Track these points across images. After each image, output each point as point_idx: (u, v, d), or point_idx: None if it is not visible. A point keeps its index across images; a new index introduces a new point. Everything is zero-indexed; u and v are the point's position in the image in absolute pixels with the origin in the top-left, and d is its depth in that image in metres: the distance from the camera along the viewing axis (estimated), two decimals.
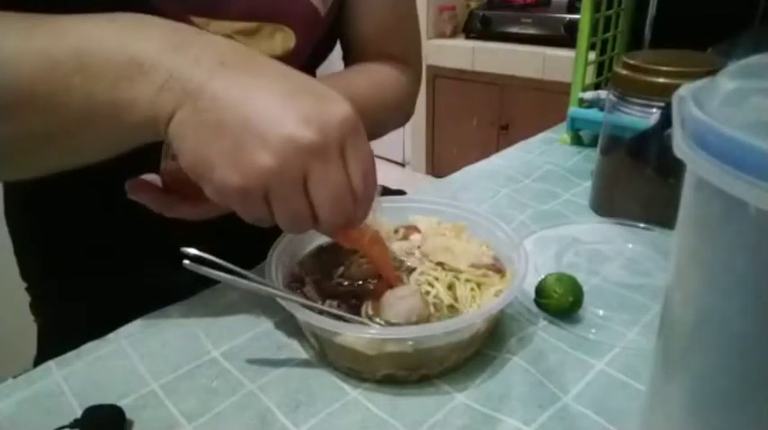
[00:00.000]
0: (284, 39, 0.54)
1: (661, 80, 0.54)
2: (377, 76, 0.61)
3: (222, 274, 0.38)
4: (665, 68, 0.54)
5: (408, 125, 2.75)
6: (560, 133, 0.83)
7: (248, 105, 0.33)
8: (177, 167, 0.36)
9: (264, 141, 0.33)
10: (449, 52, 2.48)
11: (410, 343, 0.37)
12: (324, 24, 0.57)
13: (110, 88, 0.34)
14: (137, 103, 0.34)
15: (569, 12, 2.15)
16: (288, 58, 0.53)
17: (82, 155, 0.38)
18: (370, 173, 0.37)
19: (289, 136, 0.33)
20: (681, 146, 0.21)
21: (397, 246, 0.47)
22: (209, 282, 0.48)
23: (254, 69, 0.35)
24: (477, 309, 0.41)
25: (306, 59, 0.57)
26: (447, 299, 0.42)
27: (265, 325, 0.45)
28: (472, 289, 0.43)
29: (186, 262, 0.36)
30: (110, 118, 0.35)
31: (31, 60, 0.34)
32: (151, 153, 0.40)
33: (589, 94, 0.77)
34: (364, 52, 0.63)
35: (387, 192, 0.65)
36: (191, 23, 0.47)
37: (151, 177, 0.44)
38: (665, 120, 0.53)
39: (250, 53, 0.36)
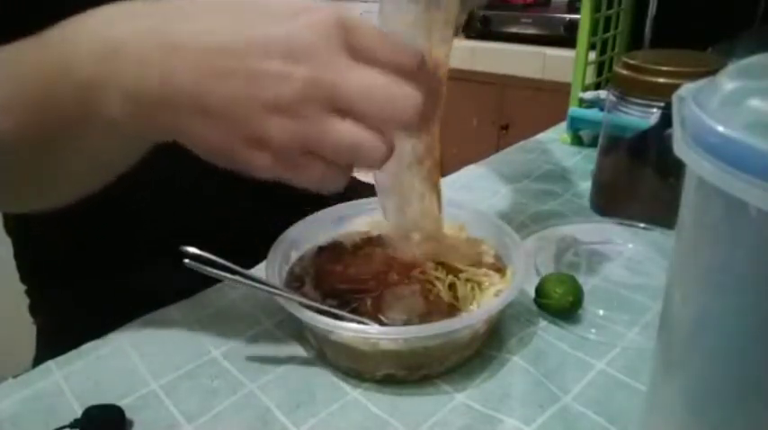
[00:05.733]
0: None
1: (661, 80, 0.54)
2: None
3: (222, 274, 0.38)
4: (665, 68, 0.54)
5: None
6: (560, 133, 0.83)
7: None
8: None
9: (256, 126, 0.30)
10: None
11: (409, 342, 0.38)
12: None
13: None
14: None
15: (569, 12, 2.15)
16: None
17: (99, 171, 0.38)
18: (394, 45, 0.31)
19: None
20: (681, 146, 0.21)
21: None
22: (209, 282, 0.48)
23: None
24: (477, 309, 0.41)
25: None
26: (447, 298, 0.42)
27: (265, 325, 0.45)
28: (472, 288, 0.43)
29: (186, 261, 0.36)
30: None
31: None
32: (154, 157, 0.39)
33: (589, 94, 0.77)
34: None
35: None
36: None
37: None
38: (665, 121, 0.53)
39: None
